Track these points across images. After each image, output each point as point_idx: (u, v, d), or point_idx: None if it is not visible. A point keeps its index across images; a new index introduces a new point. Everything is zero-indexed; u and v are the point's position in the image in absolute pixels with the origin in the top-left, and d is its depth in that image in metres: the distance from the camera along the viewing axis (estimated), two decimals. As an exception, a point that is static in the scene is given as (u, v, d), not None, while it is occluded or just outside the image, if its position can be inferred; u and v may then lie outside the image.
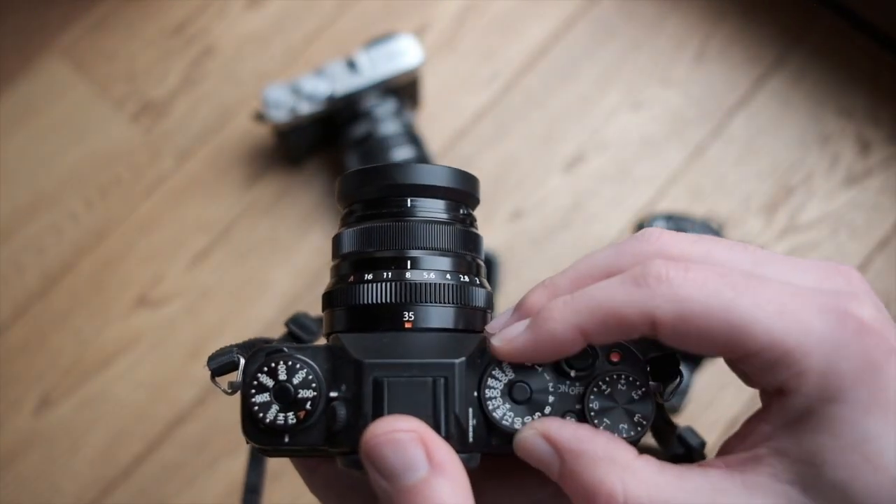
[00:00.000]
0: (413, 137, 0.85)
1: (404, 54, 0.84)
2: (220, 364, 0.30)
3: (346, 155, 0.86)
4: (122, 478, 0.83)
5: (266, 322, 0.86)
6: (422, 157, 0.84)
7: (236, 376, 0.29)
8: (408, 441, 0.26)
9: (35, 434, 0.84)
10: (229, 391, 0.29)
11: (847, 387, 0.24)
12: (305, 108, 0.83)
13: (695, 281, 0.26)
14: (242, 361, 0.29)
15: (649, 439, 0.32)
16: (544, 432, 0.27)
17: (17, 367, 0.86)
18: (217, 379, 0.30)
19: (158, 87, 0.95)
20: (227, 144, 0.93)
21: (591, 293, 0.27)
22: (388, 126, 0.84)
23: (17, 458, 0.83)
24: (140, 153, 0.93)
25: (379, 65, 0.84)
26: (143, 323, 0.87)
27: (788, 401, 0.26)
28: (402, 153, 0.83)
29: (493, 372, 0.28)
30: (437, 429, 0.27)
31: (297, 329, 0.38)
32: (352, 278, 0.30)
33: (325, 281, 0.89)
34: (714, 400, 0.82)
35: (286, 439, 0.28)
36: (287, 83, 0.83)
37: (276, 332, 0.87)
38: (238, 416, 0.29)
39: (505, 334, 0.28)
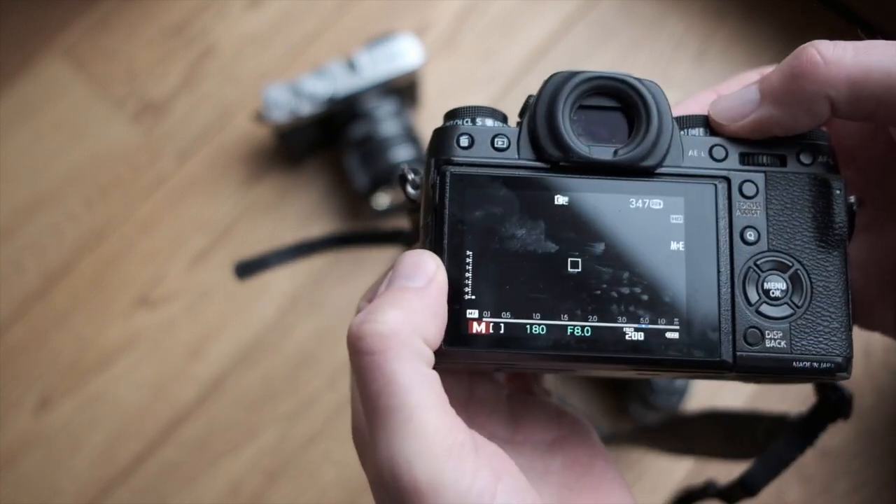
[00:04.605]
0: (413, 138, 0.85)
1: (405, 54, 0.84)
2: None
3: (347, 155, 0.86)
4: (122, 478, 0.83)
5: (266, 322, 0.86)
6: (422, 158, 0.84)
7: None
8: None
9: (35, 434, 0.84)
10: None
11: None
12: (305, 109, 0.83)
13: None
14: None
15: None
16: None
17: (17, 367, 0.86)
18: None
19: (158, 87, 0.95)
20: (227, 144, 0.93)
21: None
22: (389, 127, 0.84)
23: (17, 458, 0.83)
24: (140, 153, 0.93)
25: (379, 65, 0.84)
26: (143, 323, 0.87)
27: None
28: (402, 154, 0.83)
29: None
30: None
31: None
32: None
33: (324, 281, 0.89)
34: (714, 397, 0.82)
35: None
36: (287, 83, 0.83)
37: (277, 331, 0.87)
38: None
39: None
